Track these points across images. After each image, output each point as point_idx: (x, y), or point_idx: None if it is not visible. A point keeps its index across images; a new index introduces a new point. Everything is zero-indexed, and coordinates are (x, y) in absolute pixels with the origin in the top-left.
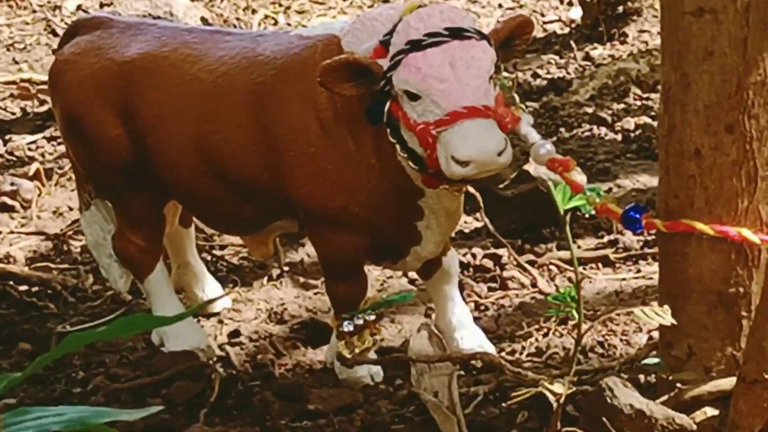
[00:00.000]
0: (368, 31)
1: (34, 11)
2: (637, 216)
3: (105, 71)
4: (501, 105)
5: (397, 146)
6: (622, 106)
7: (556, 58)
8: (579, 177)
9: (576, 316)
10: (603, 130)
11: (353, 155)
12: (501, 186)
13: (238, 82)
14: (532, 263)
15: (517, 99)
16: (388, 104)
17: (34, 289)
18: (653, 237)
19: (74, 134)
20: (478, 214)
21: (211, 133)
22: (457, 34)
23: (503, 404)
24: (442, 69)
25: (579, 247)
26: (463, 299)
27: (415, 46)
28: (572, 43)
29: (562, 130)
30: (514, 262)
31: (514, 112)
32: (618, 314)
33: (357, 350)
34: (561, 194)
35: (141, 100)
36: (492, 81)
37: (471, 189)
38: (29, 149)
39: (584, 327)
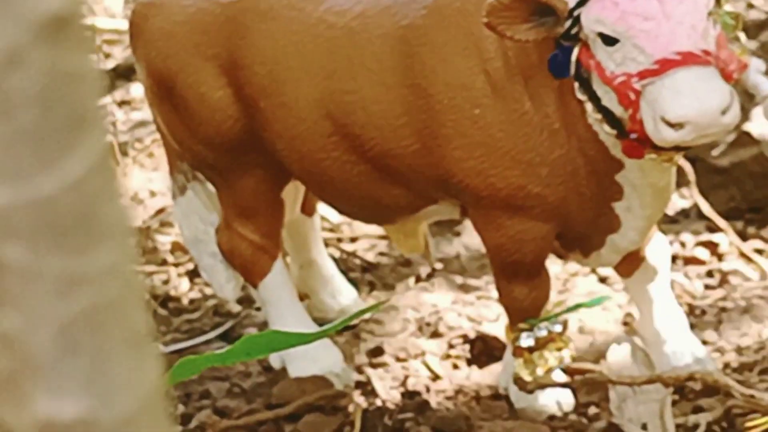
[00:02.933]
0: None
1: None
2: None
3: (204, 15)
4: (724, 49)
5: (589, 105)
6: None
7: None
8: None
9: None
10: None
11: (531, 118)
12: (715, 153)
13: (379, 26)
14: (759, 252)
15: (744, 39)
16: (576, 51)
17: None
18: None
19: (165, 98)
20: (686, 190)
21: (345, 93)
22: None
23: None
24: (647, 3)
25: None
26: (678, 302)
27: None
28: None
29: None
30: (737, 251)
31: (740, 56)
32: None
33: (539, 371)
34: None
35: (252, 52)
36: (711, 17)
37: (681, 160)
38: None
39: None
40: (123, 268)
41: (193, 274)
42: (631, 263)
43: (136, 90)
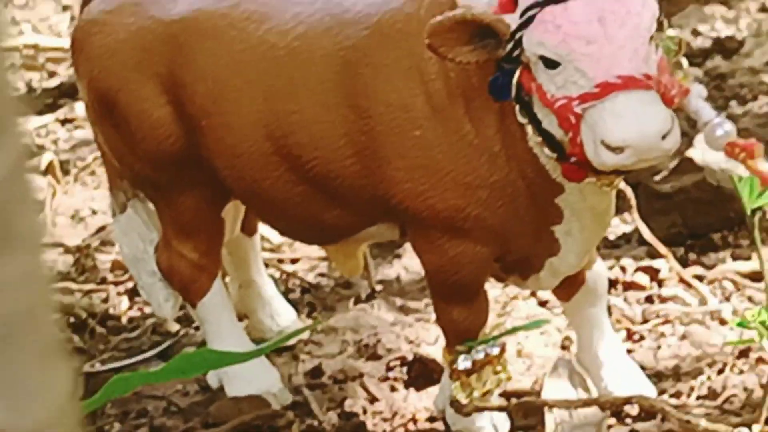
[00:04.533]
0: None
1: None
2: None
3: (146, 33)
4: (665, 73)
5: (529, 128)
6: None
7: (722, 9)
8: (763, 165)
9: (766, 346)
10: None
11: (471, 141)
12: (657, 178)
13: (321, 47)
14: (700, 278)
15: (686, 64)
16: (517, 74)
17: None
18: None
19: (106, 115)
20: (628, 215)
21: (286, 113)
22: None
23: None
24: (589, 26)
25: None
26: (612, 326)
27: None
28: None
29: (733, 104)
30: (677, 277)
31: (681, 82)
32: None
33: (476, 393)
34: (746, 188)
35: (193, 71)
36: (653, 42)
37: (622, 184)
38: (38, 135)
39: None
40: (35, 278)
41: (132, 293)
42: (570, 287)
43: (80, 108)
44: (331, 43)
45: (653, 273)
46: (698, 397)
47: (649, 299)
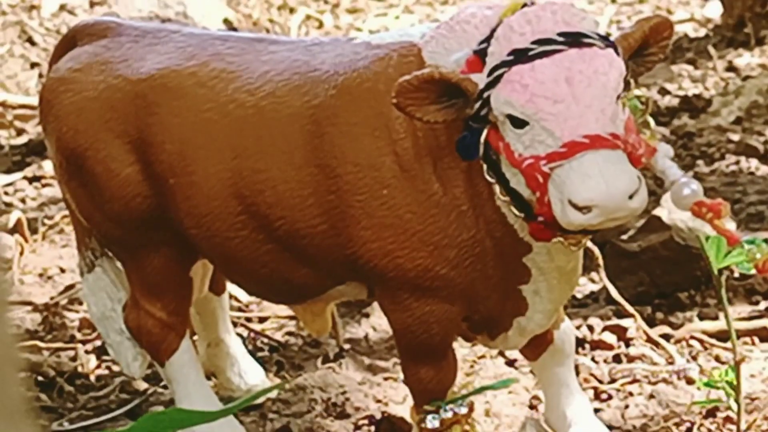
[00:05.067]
0: (458, 38)
1: (4, 13)
2: None
3: (114, 92)
4: (632, 132)
5: (497, 187)
6: None
7: (690, 68)
8: (730, 225)
9: (734, 406)
10: (753, 162)
11: (439, 200)
12: (625, 237)
13: (289, 106)
14: (667, 337)
15: (653, 124)
16: (485, 133)
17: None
18: None
19: (74, 174)
20: (595, 274)
21: (254, 172)
22: (574, 40)
23: None
24: (556, 86)
25: (731, 317)
26: (580, 385)
27: (521, 56)
28: (710, 48)
29: (700, 163)
30: (644, 337)
31: (648, 141)
32: None
33: None
34: (713, 248)
35: (161, 129)
36: (620, 102)
37: (589, 243)
38: (6, 193)
39: (744, 421)
40: (1, 336)
41: (100, 351)
42: (537, 346)
43: (49, 166)
44: (300, 102)
45: (621, 332)
46: None
47: (616, 358)
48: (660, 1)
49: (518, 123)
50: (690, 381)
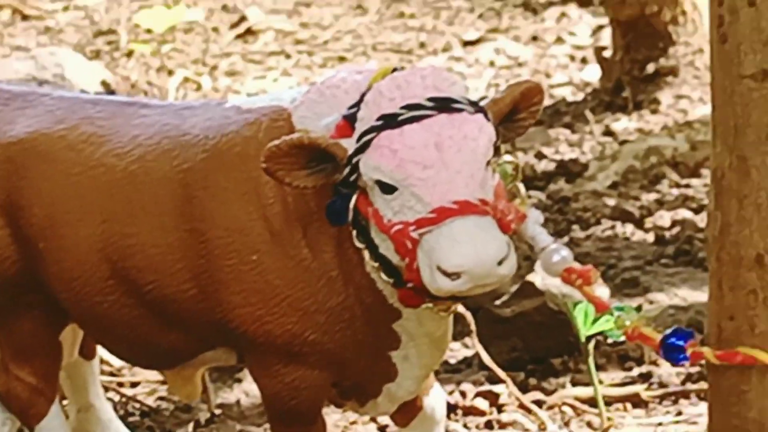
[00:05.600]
0: (328, 103)
1: None
2: (681, 343)
3: None
4: (502, 198)
5: (366, 253)
6: (653, 196)
7: (567, 132)
8: (602, 292)
9: None
10: (629, 227)
11: (309, 265)
12: (498, 303)
13: (158, 170)
14: (539, 403)
15: (523, 190)
16: (354, 198)
17: None
18: (699, 370)
19: None
20: (468, 340)
21: (123, 236)
22: (444, 105)
23: None
24: (425, 152)
25: (601, 382)
26: None
27: (390, 121)
28: (588, 113)
29: (576, 227)
30: (517, 402)
31: (518, 207)
32: None
33: None
34: (582, 315)
35: (30, 193)
36: (490, 167)
37: (461, 308)
38: None
39: None
40: None
41: None
42: (407, 412)
43: None
44: (169, 166)
45: (493, 398)
46: None
47: (488, 425)
48: (539, 64)
49: (387, 188)
50: None
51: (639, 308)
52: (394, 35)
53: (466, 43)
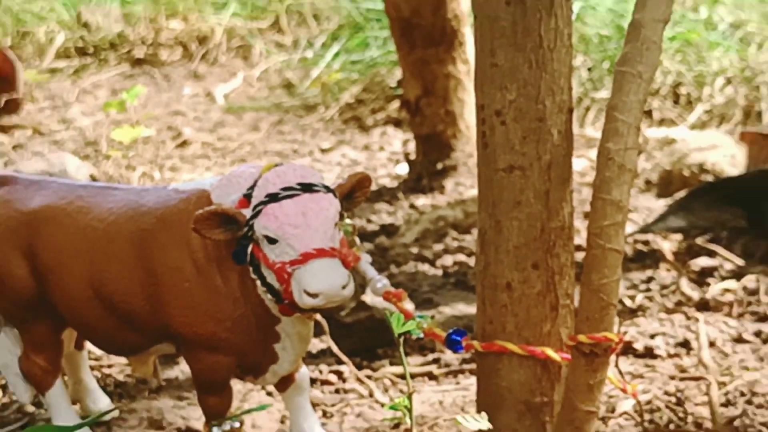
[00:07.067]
0: (234, 186)
1: None
2: (458, 338)
3: (12, 220)
4: (345, 247)
5: (258, 282)
6: (441, 246)
7: (387, 206)
8: (409, 306)
9: (409, 422)
10: (426, 266)
11: (221, 290)
12: (343, 313)
13: (125, 229)
14: (369, 377)
15: (358, 241)
16: (250, 247)
17: None
18: (470, 356)
19: None
20: (324, 337)
21: (102, 272)
22: (308, 188)
23: None
24: (296, 217)
25: (408, 363)
26: (313, 408)
27: (273, 198)
28: (400, 194)
29: (392, 266)
30: (355, 377)
31: (355, 252)
32: (444, 420)
33: None
34: (396, 320)
35: (43, 244)
36: (337, 227)
37: (318, 316)
38: None
39: (416, 431)
40: None
41: (4, 388)
42: (285, 383)
43: None
44: (133, 227)
45: (340, 374)
46: None
47: (337, 391)
48: (369, 163)
49: (272, 240)
50: (382, 405)
51: (432, 317)
52: (277, 145)
53: (323, 150)
